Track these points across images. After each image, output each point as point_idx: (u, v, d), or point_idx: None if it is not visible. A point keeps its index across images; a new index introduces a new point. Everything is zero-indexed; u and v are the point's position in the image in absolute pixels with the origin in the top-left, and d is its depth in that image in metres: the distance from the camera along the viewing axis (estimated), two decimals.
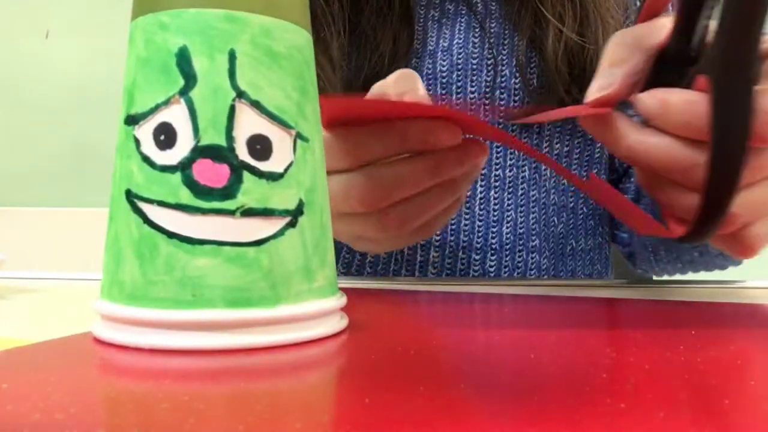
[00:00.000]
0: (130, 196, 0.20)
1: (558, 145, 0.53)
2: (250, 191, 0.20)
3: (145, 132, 0.20)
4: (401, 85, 0.32)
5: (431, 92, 0.51)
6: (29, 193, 1.35)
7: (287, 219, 0.20)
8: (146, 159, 0.20)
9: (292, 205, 0.21)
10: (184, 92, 0.20)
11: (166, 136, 0.20)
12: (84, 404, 0.14)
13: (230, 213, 0.19)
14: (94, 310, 0.21)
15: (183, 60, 0.20)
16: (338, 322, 0.22)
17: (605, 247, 0.58)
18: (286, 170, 0.21)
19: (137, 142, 0.20)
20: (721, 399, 0.15)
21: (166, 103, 0.20)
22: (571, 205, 0.54)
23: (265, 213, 0.20)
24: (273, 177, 0.20)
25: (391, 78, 0.33)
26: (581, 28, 0.49)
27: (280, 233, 0.20)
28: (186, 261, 0.19)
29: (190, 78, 0.20)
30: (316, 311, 0.21)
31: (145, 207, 0.20)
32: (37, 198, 1.34)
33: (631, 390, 0.15)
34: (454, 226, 0.51)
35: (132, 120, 0.20)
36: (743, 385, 0.16)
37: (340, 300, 0.23)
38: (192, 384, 0.16)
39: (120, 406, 0.14)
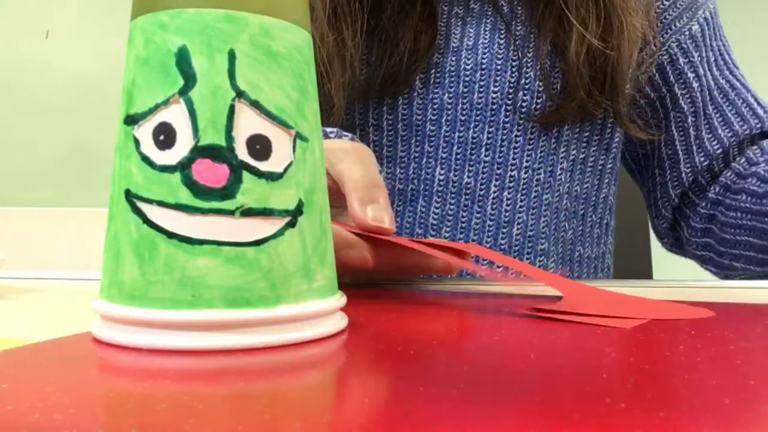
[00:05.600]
0: (130, 196, 0.20)
1: (575, 151, 0.53)
2: (250, 191, 0.20)
3: (144, 132, 0.20)
4: (366, 196, 0.33)
5: (453, 89, 0.51)
6: (29, 193, 1.35)
7: (287, 219, 0.20)
8: (146, 159, 0.20)
9: (291, 205, 0.21)
10: (183, 92, 0.20)
11: (165, 136, 0.20)
12: (83, 404, 0.14)
13: (230, 213, 0.19)
14: (93, 310, 0.21)
15: (182, 60, 0.20)
16: (338, 322, 0.22)
17: (607, 257, 0.58)
18: (285, 170, 0.21)
19: (137, 142, 0.20)
20: (721, 399, 0.15)
21: (166, 103, 0.20)
22: (581, 212, 0.54)
23: (265, 213, 0.20)
24: (272, 177, 0.20)
25: (355, 178, 0.33)
26: (604, 33, 0.49)
27: (279, 233, 0.20)
28: (185, 261, 0.19)
29: (189, 78, 0.20)
30: (316, 311, 0.21)
31: (144, 207, 0.20)
32: (37, 198, 1.34)
33: (631, 390, 0.15)
34: (464, 225, 0.51)
35: (131, 120, 0.20)
36: (743, 385, 0.16)
37: (340, 300, 0.23)
38: (191, 384, 0.16)
39: (119, 407, 0.14)
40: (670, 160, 0.58)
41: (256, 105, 0.20)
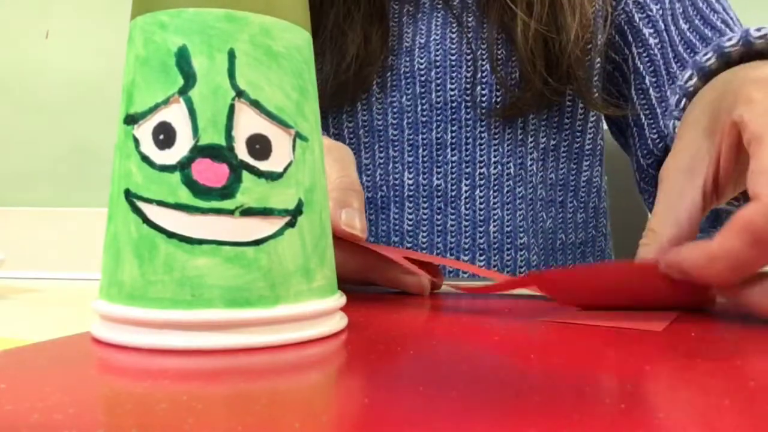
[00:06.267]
0: (129, 196, 0.20)
1: (544, 139, 0.52)
2: (250, 191, 0.20)
3: (144, 131, 0.20)
4: (341, 198, 0.32)
5: (410, 91, 0.50)
6: (29, 193, 1.35)
7: (286, 218, 0.20)
8: (145, 158, 0.20)
9: (291, 205, 0.21)
10: (183, 92, 0.19)
11: (165, 135, 0.20)
12: (83, 404, 0.14)
13: (229, 212, 0.19)
14: (93, 310, 0.21)
15: (182, 59, 0.20)
16: (338, 322, 0.22)
17: (600, 240, 0.56)
18: (285, 170, 0.20)
19: (136, 141, 0.20)
20: (721, 399, 0.15)
21: (166, 102, 0.20)
22: (560, 199, 0.53)
23: (265, 212, 0.20)
24: (272, 176, 0.20)
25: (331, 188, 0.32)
26: (551, 16, 0.47)
27: (279, 233, 0.20)
28: (185, 261, 0.19)
29: (189, 77, 0.19)
30: (316, 311, 0.21)
31: (144, 207, 0.20)
32: (37, 198, 1.34)
33: (630, 390, 0.15)
34: (440, 228, 0.51)
35: (131, 119, 0.20)
36: (743, 386, 0.16)
37: (340, 300, 0.23)
38: (191, 384, 0.16)
39: (119, 407, 0.14)
40: (637, 126, 0.53)
41: (256, 105, 0.20)
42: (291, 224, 0.20)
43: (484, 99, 0.50)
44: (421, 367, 0.18)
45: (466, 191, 0.51)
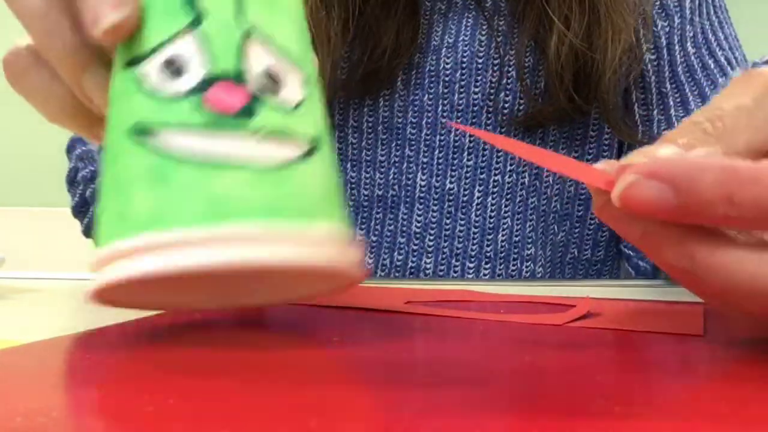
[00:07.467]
0: (138, 131, 0.19)
1: (564, 151, 0.51)
2: (268, 117, 0.19)
3: (151, 68, 0.20)
4: None
5: (433, 90, 0.50)
6: (29, 193, 1.35)
7: (308, 145, 0.20)
8: (154, 91, 0.19)
9: (312, 131, 0.20)
10: (192, 27, 0.19)
11: (175, 67, 0.19)
12: (67, 407, 0.14)
13: (248, 135, 0.19)
14: (99, 258, 0.20)
15: None
16: (356, 254, 0.21)
17: (621, 261, 0.55)
18: (299, 105, 0.20)
19: (140, 80, 0.20)
20: (719, 401, 0.14)
21: (172, 39, 0.19)
22: (579, 213, 0.52)
23: (285, 135, 0.19)
24: (289, 105, 0.20)
25: None
26: (589, 33, 0.47)
27: (302, 158, 0.20)
28: (205, 183, 0.18)
29: (197, 15, 0.19)
30: (340, 235, 0.20)
31: (155, 137, 0.19)
32: (37, 198, 1.34)
33: (626, 392, 0.15)
34: (448, 232, 0.50)
35: (133, 62, 0.20)
36: (741, 388, 0.16)
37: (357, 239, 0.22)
38: (180, 386, 0.16)
39: (104, 410, 0.14)
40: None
41: (267, 42, 0.20)
42: (312, 152, 0.20)
43: (506, 106, 0.50)
44: (417, 368, 0.17)
45: (478, 197, 0.50)
